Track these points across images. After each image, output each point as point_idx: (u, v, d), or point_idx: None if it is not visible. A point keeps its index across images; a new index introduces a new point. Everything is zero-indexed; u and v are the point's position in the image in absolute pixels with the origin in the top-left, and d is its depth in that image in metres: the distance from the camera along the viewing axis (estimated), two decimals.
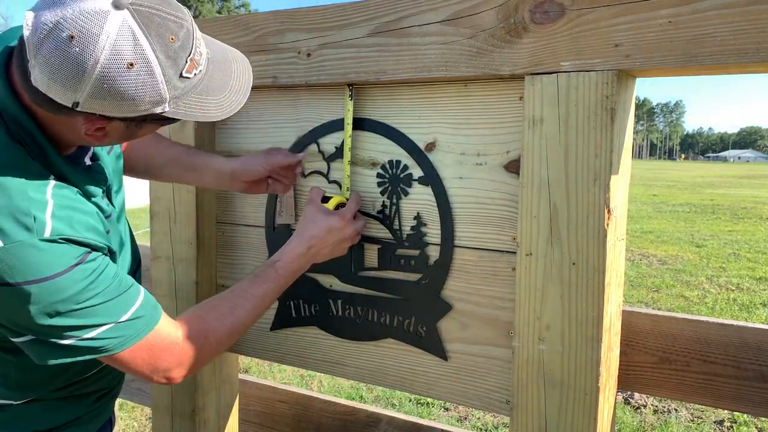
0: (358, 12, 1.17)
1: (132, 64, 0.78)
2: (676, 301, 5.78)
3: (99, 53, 0.76)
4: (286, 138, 1.37)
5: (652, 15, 0.91)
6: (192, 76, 0.86)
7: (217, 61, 0.93)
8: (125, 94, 0.80)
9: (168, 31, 0.80)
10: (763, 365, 1.06)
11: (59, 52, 0.76)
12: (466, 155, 1.15)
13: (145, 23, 0.79)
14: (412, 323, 1.24)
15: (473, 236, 1.16)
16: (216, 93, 0.91)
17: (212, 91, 0.90)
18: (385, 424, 1.47)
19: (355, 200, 1.23)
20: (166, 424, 1.54)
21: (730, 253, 8.32)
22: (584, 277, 1.00)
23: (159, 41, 0.80)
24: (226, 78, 0.94)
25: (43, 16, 0.77)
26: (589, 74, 0.97)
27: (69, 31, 0.75)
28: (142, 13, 0.79)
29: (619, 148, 1.00)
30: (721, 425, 3.35)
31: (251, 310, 1.10)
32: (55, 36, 0.76)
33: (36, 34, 0.77)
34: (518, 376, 1.08)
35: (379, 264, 1.27)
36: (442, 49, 1.09)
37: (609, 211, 0.98)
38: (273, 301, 1.16)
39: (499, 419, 3.30)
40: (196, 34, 0.87)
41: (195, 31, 0.86)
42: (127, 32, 0.77)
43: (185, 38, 0.83)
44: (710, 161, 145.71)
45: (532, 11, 1.00)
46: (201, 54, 0.87)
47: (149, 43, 0.79)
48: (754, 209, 13.99)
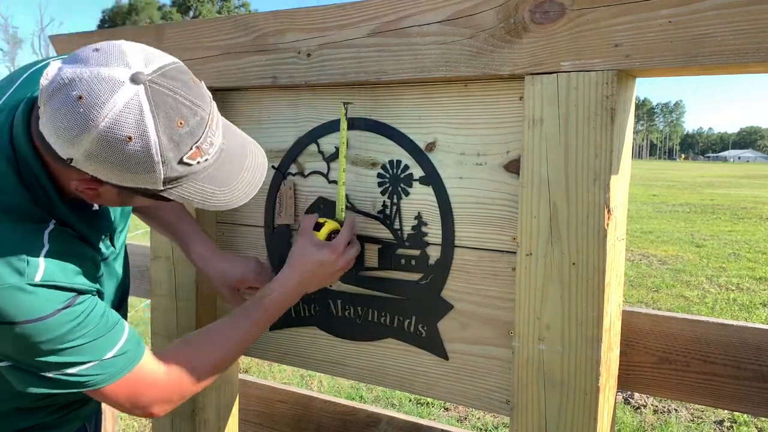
0: (359, 12, 1.17)
1: (130, 138, 0.78)
2: (676, 301, 5.78)
3: (101, 120, 0.76)
4: (286, 138, 1.37)
5: (652, 15, 0.91)
6: (194, 163, 0.85)
7: (232, 153, 0.91)
8: (118, 164, 0.80)
9: (178, 115, 0.80)
10: (763, 365, 1.06)
11: (66, 108, 0.77)
12: (466, 155, 1.15)
13: (156, 102, 0.78)
14: (413, 323, 1.24)
15: (473, 236, 1.16)
16: (220, 185, 0.89)
17: (216, 181, 0.89)
18: (385, 424, 1.47)
19: (349, 227, 1.20)
20: (166, 424, 1.54)
21: (730, 253, 8.33)
22: (584, 277, 1.00)
23: (165, 123, 0.79)
24: (235, 172, 0.91)
25: (63, 70, 0.79)
26: (589, 74, 0.97)
27: (79, 91, 0.76)
28: (156, 92, 0.79)
29: (619, 148, 1.00)
30: (721, 425, 3.35)
31: (234, 347, 1.10)
32: (66, 92, 0.77)
33: (51, 85, 0.78)
34: (518, 376, 1.08)
35: (379, 264, 1.27)
36: (442, 49, 1.09)
37: (609, 211, 0.98)
38: (258, 336, 1.15)
39: (499, 419, 3.30)
40: (213, 124, 0.86)
41: (212, 121, 0.85)
42: (135, 106, 0.77)
43: (196, 126, 0.82)
44: (710, 161, 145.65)
45: (532, 11, 1.00)
46: (212, 144, 0.86)
47: (154, 122, 0.78)
48: (754, 209, 13.99)
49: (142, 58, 0.81)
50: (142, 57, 0.81)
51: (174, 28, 1.41)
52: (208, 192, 0.88)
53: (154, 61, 0.82)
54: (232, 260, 1.27)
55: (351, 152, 1.28)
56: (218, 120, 0.89)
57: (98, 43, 0.82)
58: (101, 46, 0.81)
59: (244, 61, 1.32)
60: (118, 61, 0.79)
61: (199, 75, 1.38)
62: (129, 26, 2.02)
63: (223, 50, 1.35)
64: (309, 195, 1.35)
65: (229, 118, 1.45)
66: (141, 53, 0.82)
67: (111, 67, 0.78)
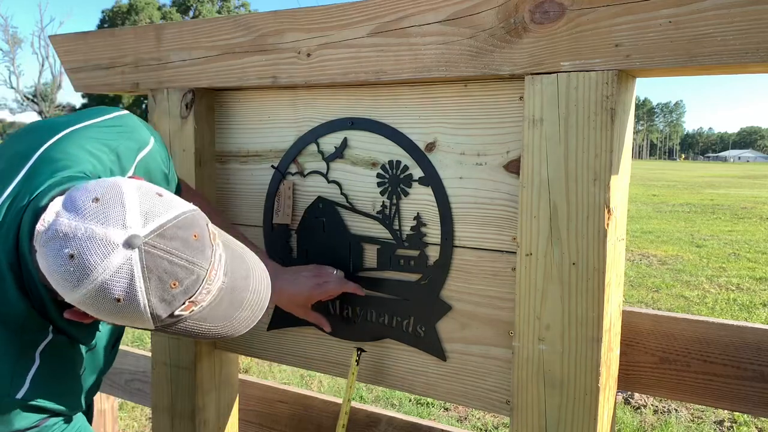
0: (359, 12, 1.17)
1: (119, 300, 0.76)
2: (676, 301, 5.78)
3: (90, 282, 0.75)
4: (286, 138, 1.37)
5: (652, 15, 0.91)
6: (186, 314, 0.82)
7: (233, 289, 0.86)
8: (109, 313, 0.78)
9: (172, 278, 0.77)
10: (763, 365, 1.06)
11: (58, 263, 0.75)
12: (466, 155, 1.15)
13: (149, 266, 0.76)
14: (412, 323, 1.24)
15: (473, 236, 1.16)
16: (215, 321, 0.86)
17: (212, 319, 0.85)
18: (385, 424, 1.47)
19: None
20: (166, 424, 1.54)
21: (730, 253, 8.33)
22: (584, 277, 1.00)
23: (157, 286, 0.77)
24: (234, 310, 0.87)
25: (60, 219, 0.76)
26: (589, 74, 0.97)
27: (72, 250, 0.74)
28: (151, 256, 0.76)
29: (619, 148, 1.00)
30: (721, 425, 3.35)
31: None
32: (59, 246, 0.75)
33: (47, 233, 0.76)
34: (518, 376, 1.08)
35: (378, 264, 1.27)
36: (442, 49, 1.09)
37: (609, 211, 0.98)
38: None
39: (499, 419, 3.30)
40: (212, 274, 0.82)
41: (211, 271, 0.81)
42: (126, 272, 0.75)
43: (191, 284, 0.79)
44: (710, 161, 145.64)
45: (532, 11, 1.00)
46: (209, 292, 0.82)
47: (145, 287, 0.76)
48: (754, 209, 13.99)
49: (142, 215, 0.77)
50: (143, 214, 0.77)
51: (174, 28, 1.41)
52: (203, 327, 0.85)
53: (155, 219, 0.77)
54: (295, 281, 1.25)
55: (351, 152, 1.28)
56: (220, 261, 0.84)
57: (100, 190, 0.78)
58: (102, 196, 0.77)
59: (244, 61, 1.32)
60: (115, 220, 0.75)
61: (199, 75, 1.38)
62: (129, 26, 2.03)
63: (222, 50, 1.35)
64: (308, 195, 1.35)
65: (229, 118, 1.45)
66: (142, 208, 0.78)
67: (107, 227, 0.74)
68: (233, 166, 1.46)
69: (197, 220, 0.82)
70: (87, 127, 1.01)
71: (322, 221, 1.33)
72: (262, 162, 1.41)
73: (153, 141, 1.10)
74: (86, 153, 0.97)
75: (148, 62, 1.45)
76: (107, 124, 1.04)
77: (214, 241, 0.82)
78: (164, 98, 1.45)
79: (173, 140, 1.45)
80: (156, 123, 1.47)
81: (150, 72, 1.46)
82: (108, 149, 1.01)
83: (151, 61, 1.45)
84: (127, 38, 1.48)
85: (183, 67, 1.41)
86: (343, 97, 1.28)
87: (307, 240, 1.36)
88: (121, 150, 1.03)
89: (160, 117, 1.47)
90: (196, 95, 1.41)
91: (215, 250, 0.82)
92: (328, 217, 1.32)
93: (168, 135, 1.45)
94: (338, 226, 1.31)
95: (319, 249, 1.34)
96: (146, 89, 1.48)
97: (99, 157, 0.98)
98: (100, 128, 1.03)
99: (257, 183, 1.42)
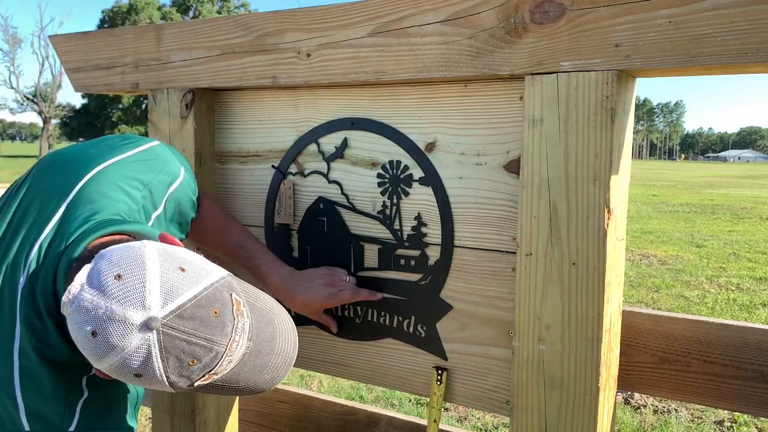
0: (359, 12, 1.17)
1: (139, 375, 0.78)
2: (676, 302, 5.78)
3: (110, 358, 0.77)
4: (286, 138, 1.37)
5: (652, 15, 0.91)
6: (206, 383, 0.83)
7: (257, 353, 0.85)
8: (131, 380, 0.81)
9: (190, 356, 0.78)
10: (763, 365, 1.06)
11: (81, 335, 0.77)
12: (466, 155, 1.15)
13: (167, 347, 0.76)
14: (412, 323, 1.24)
15: (473, 236, 1.16)
16: (238, 382, 0.86)
17: (234, 381, 0.86)
18: (385, 424, 1.47)
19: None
20: (166, 424, 1.54)
21: (730, 253, 8.32)
22: (584, 277, 1.00)
23: (176, 364, 0.78)
24: (257, 372, 0.86)
25: (84, 294, 0.77)
26: (589, 74, 0.97)
27: (93, 327, 0.76)
28: (169, 337, 0.76)
29: (619, 148, 1.00)
30: (721, 425, 3.35)
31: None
32: (82, 320, 0.77)
33: (71, 305, 0.77)
34: (518, 376, 1.08)
35: (379, 264, 1.27)
36: (442, 49, 1.09)
37: (609, 211, 0.98)
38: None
39: (499, 419, 3.30)
40: (231, 348, 0.81)
41: (230, 346, 0.81)
42: (143, 352, 0.76)
43: (210, 360, 0.79)
44: (710, 161, 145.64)
45: (532, 11, 1.00)
46: (230, 361, 0.82)
47: (163, 365, 0.77)
48: (754, 209, 13.99)
49: (162, 295, 0.77)
50: (163, 293, 0.77)
51: (174, 28, 1.41)
52: (227, 387, 0.87)
53: (175, 299, 0.77)
54: (310, 289, 1.26)
55: (351, 152, 1.28)
56: (243, 330, 0.83)
57: (123, 264, 0.79)
58: (125, 273, 0.78)
59: (244, 61, 1.32)
60: (135, 300, 0.76)
61: (199, 75, 1.38)
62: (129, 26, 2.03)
63: (223, 50, 1.35)
64: (309, 195, 1.35)
65: (229, 118, 1.45)
66: (162, 288, 0.78)
67: (126, 307, 0.75)
68: (233, 166, 1.46)
69: (219, 294, 0.81)
70: (120, 163, 1.04)
71: (323, 221, 1.33)
72: (262, 162, 1.41)
73: (183, 172, 1.14)
74: (120, 191, 1.00)
75: (148, 62, 1.45)
76: (140, 158, 1.07)
77: (237, 312, 0.82)
78: (164, 98, 1.45)
79: (173, 140, 1.45)
80: (156, 123, 1.47)
81: (150, 72, 1.46)
82: (141, 185, 1.04)
83: (151, 61, 1.45)
84: (127, 38, 1.48)
85: (183, 67, 1.41)
86: (343, 97, 1.28)
87: (308, 240, 1.36)
88: (153, 185, 1.06)
89: (160, 117, 1.47)
90: (196, 95, 1.42)
91: (236, 324, 0.81)
92: (329, 217, 1.32)
93: (168, 135, 1.45)
94: (339, 225, 1.31)
95: (320, 249, 1.34)
96: (146, 89, 1.48)
97: (132, 195, 1.02)
98: (133, 163, 1.05)
99: (257, 183, 1.42)
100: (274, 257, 1.30)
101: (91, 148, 1.06)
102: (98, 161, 1.01)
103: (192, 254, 0.85)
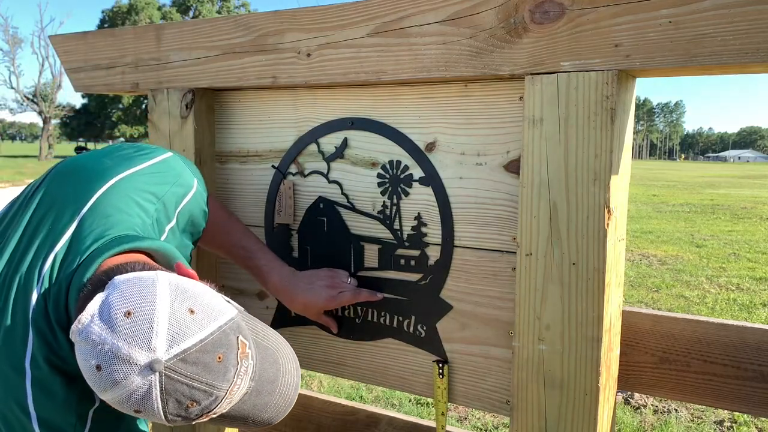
0: (359, 12, 1.17)
1: (139, 411, 0.80)
2: (676, 301, 5.78)
3: (112, 393, 0.78)
4: (286, 138, 1.37)
5: (652, 15, 0.91)
6: (205, 420, 0.85)
7: (258, 392, 0.87)
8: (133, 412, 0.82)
9: (190, 399, 0.79)
10: (763, 365, 1.06)
11: (86, 366, 0.79)
12: (466, 155, 1.15)
13: (167, 389, 0.78)
14: (412, 323, 1.24)
15: (473, 236, 1.16)
16: (235, 420, 0.87)
17: (231, 418, 0.87)
18: (385, 424, 1.47)
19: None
20: (166, 424, 1.53)
21: (730, 253, 8.33)
22: (584, 277, 1.00)
23: (175, 405, 0.79)
24: (257, 410, 0.88)
25: (93, 327, 0.78)
26: (589, 74, 0.97)
27: (98, 361, 0.77)
28: (172, 380, 0.77)
29: (619, 148, 1.00)
30: (721, 425, 3.35)
31: None
32: (88, 352, 0.78)
33: (81, 333, 0.79)
34: (518, 376, 1.08)
35: (379, 264, 1.27)
36: (442, 49, 1.09)
37: (609, 211, 0.98)
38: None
39: (499, 419, 3.30)
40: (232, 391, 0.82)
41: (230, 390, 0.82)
42: (144, 392, 0.77)
43: (209, 403, 0.80)
44: (710, 161, 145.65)
45: (532, 11, 1.00)
46: (230, 402, 0.83)
47: (162, 405, 0.78)
48: (753, 209, 13.99)
49: (168, 338, 0.78)
50: (170, 337, 0.78)
51: (174, 28, 1.41)
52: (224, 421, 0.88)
53: (181, 343, 0.78)
54: (311, 290, 1.26)
55: (351, 152, 1.28)
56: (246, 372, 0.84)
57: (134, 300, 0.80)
58: (134, 310, 0.79)
59: (244, 61, 1.32)
60: (141, 341, 0.77)
61: (199, 75, 1.38)
62: (129, 26, 2.03)
63: (222, 50, 1.35)
64: (309, 195, 1.35)
65: (229, 118, 1.45)
66: (170, 330, 0.78)
67: (132, 346, 0.76)
68: (233, 166, 1.46)
69: (225, 338, 0.81)
70: (134, 176, 1.04)
71: (323, 221, 1.33)
72: (262, 162, 1.41)
73: (196, 183, 1.15)
74: (134, 205, 1.00)
75: (148, 62, 1.45)
76: (154, 170, 1.07)
77: (241, 356, 0.82)
78: (164, 98, 1.45)
79: (173, 140, 1.45)
80: (156, 123, 1.47)
81: (150, 72, 1.46)
82: (155, 198, 1.05)
83: (151, 61, 1.45)
84: (127, 38, 1.48)
85: (183, 67, 1.41)
86: (343, 97, 1.28)
87: (308, 239, 1.36)
88: (167, 198, 1.07)
89: (160, 117, 1.47)
90: (196, 95, 1.42)
91: (239, 368, 0.82)
92: (329, 216, 1.32)
93: (168, 135, 1.45)
94: (339, 225, 1.31)
95: (319, 249, 1.34)
96: (146, 89, 1.48)
97: (146, 208, 1.02)
98: (147, 175, 1.06)
99: (257, 183, 1.42)
100: (276, 257, 1.30)
101: (105, 157, 1.06)
102: (113, 173, 1.02)
103: (204, 290, 0.85)
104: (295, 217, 1.37)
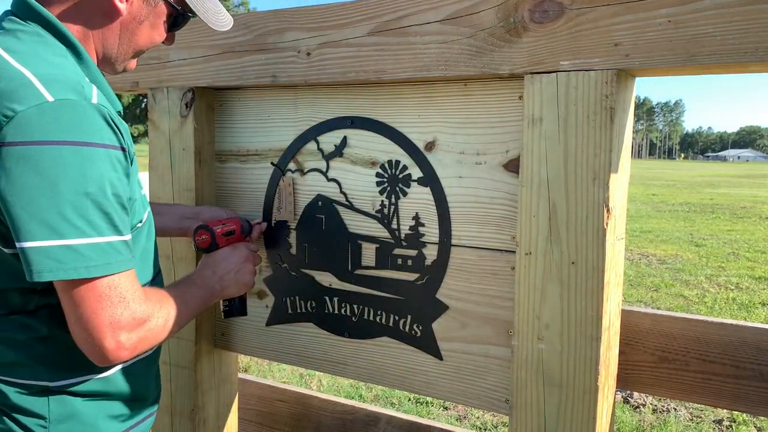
0: (358, 11, 1.17)
1: None
2: (676, 301, 5.79)
3: None
4: (285, 136, 1.37)
5: (651, 14, 0.91)
6: None
7: None
8: None
9: None
10: (762, 365, 1.06)
11: None
12: (466, 154, 1.15)
13: None
14: (408, 323, 1.24)
15: (472, 235, 1.16)
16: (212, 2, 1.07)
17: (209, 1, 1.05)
18: (385, 423, 1.47)
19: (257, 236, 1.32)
20: (166, 423, 1.54)
21: (730, 252, 8.33)
22: (583, 276, 1.00)
23: None
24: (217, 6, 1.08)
25: None
26: (588, 74, 0.97)
27: None
28: None
29: (618, 147, 1.00)
30: (720, 424, 3.35)
31: (193, 310, 1.07)
32: None
33: None
34: (517, 375, 1.08)
35: (376, 263, 1.27)
36: (442, 49, 1.09)
37: (608, 211, 0.98)
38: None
39: (499, 418, 3.30)
40: None
41: None
42: None
43: None
44: (709, 161, 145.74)
45: (532, 11, 1.00)
46: None
47: None
48: (753, 209, 14.00)
49: None
50: None
51: None
52: (209, 6, 1.05)
53: None
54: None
55: (351, 151, 1.28)
56: None
57: None
58: None
59: (244, 60, 1.32)
60: None
61: (199, 74, 1.38)
62: None
63: (222, 49, 1.35)
64: (308, 192, 1.35)
65: (229, 117, 1.45)
66: None
67: None
68: (233, 165, 1.46)
69: None
70: None
71: (321, 219, 1.33)
72: (261, 161, 1.41)
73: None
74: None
75: (147, 61, 1.45)
76: None
77: None
78: (164, 97, 1.45)
79: (173, 139, 1.45)
80: (156, 122, 1.47)
81: (150, 71, 1.46)
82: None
83: (151, 60, 1.45)
84: None
85: (183, 66, 1.41)
86: (343, 96, 1.28)
87: (306, 237, 1.36)
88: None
89: (159, 116, 1.47)
90: (195, 94, 1.41)
91: None
92: (328, 214, 1.32)
93: (168, 134, 1.45)
94: (337, 224, 1.31)
95: (317, 246, 1.34)
96: (146, 88, 1.48)
97: None
98: None
99: (257, 182, 1.42)
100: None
101: None
102: None
103: None
104: (295, 213, 1.37)
